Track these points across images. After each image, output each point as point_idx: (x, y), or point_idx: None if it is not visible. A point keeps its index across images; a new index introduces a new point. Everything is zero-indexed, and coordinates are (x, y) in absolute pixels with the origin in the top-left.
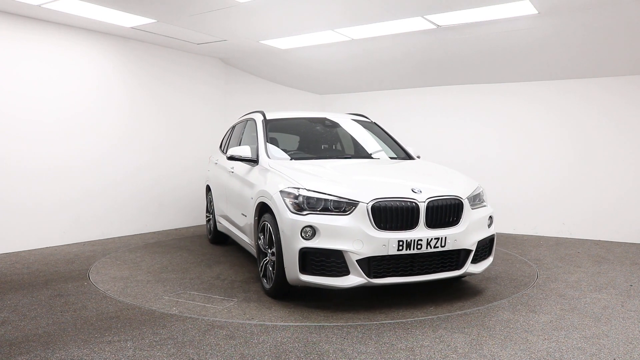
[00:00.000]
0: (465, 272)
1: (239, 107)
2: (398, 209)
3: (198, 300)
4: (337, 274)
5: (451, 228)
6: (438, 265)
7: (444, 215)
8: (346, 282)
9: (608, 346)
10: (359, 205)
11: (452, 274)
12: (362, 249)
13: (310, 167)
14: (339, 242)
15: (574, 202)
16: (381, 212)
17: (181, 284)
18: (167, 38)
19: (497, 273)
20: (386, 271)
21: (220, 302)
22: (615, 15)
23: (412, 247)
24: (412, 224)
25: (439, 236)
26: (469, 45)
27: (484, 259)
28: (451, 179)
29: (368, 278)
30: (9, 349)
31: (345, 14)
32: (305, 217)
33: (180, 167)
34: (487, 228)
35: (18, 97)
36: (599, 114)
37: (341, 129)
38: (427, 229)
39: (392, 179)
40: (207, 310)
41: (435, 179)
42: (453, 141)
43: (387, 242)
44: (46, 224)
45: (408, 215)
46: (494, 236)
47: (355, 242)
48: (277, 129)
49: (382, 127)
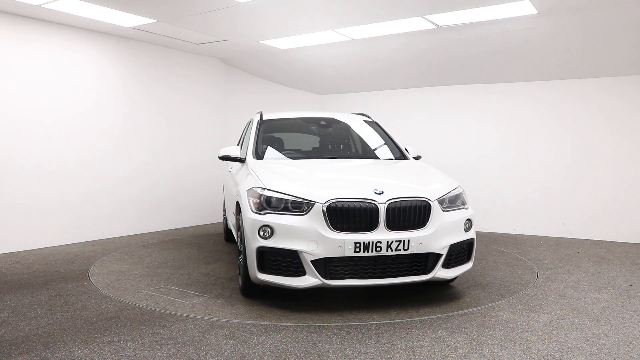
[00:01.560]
0: (434, 277)
1: (239, 107)
2: (355, 210)
3: (172, 295)
4: (294, 274)
5: (416, 231)
6: (403, 268)
7: (407, 217)
8: (302, 283)
9: (608, 346)
10: (314, 206)
11: (418, 279)
12: (317, 250)
13: (287, 168)
14: (295, 242)
15: (574, 202)
16: (337, 212)
17: (169, 279)
18: (167, 38)
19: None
20: (344, 273)
21: (192, 298)
22: (615, 15)
23: (371, 249)
24: (372, 225)
25: (400, 239)
26: (469, 45)
27: (460, 264)
28: (427, 180)
29: (323, 279)
30: (9, 349)
31: (345, 14)
32: (264, 216)
33: (180, 167)
34: (464, 232)
35: (18, 97)
36: (599, 114)
37: (337, 129)
38: (388, 231)
39: (361, 179)
40: (172, 304)
41: (408, 180)
42: (453, 141)
43: (342, 244)
44: (46, 224)
45: (366, 216)
46: (473, 240)
47: (310, 242)
48: (273, 129)
49: (382, 126)
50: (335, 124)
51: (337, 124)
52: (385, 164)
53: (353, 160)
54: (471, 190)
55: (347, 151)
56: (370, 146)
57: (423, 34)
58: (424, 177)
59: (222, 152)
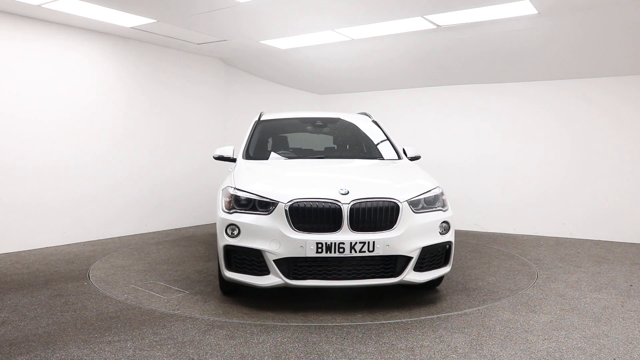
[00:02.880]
0: (403, 281)
1: (239, 107)
2: (317, 210)
3: (154, 290)
4: (258, 272)
5: (383, 232)
6: (370, 271)
7: (373, 218)
8: (266, 282)
9: (608, 346)
10: (278, 205)
11: (386, 282)
12: (279, 250)
13: (268, 168)
14: (259, 242)
15: (574, 202)
16: (299, 212)
17: (160, 275)
18: (167, 38)
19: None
20: (307, 273)
21: (172, 293)
22: (615, 15)
23: (333, 250)
24: (335, 226)
25: (365, 240)
26: (469, 45)
27: (435, 267)
28: (404, 180)
29: (286, 279)
30: (9, 349)
31: (345, 14)
32: (232, 215)
33: (180, 167)
34: (439, 234)
35: (18, 97)
36: (599, 114)
37: (333, 129)
38: (352, 232)
39: (332, 179)
40: (150, 298)
41: (383, 181)
42: (453, 141)
43: (304, 244)
44: (46, 224)
45: (329, 217)
46: (451, 243)
47: (273, 242)
48: (271, 128)
49: (382, 126)
50: (331, 123)
51: (334, 124)
52: (371, 164)
53: (341, 160)
54: (471, 190)
55: (338, 151)
56: (364, 146)
57: (423, 34)
58: (402, 178)
59: (217, 152)
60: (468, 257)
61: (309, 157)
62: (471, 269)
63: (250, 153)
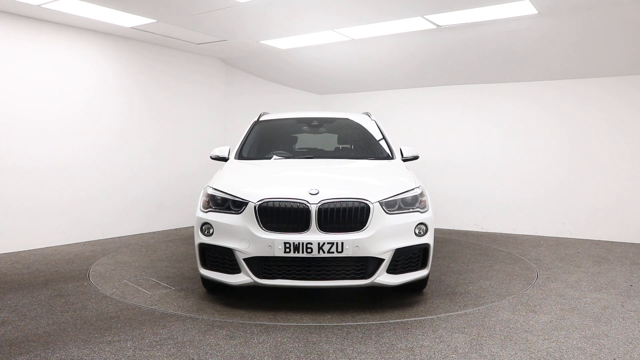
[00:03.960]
0: (375, 283)
1: (239, 107)
2: (286, 210)
3: (144, 286)
4: (230, 271)
5: (353, 233)
6: (340, 271)
7: (342, 219)
8: (236, 280)
9: (608, 346)
10: (248, 205)
11: (356, 283)
12: (249, 249)
13: (253, 168)
14: (230, 241)
15: (574, 202)
16: (267, 212)
17: (156, 272)
18: (167, 38)
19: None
20: (276, 273)
21: (158, 289)
22: (615, 15)
23: (301, 250)
24: (304, 226)
25: (333, 241)
26: (469, 45)
27: (411, 270)
28: (381, 181)
29: (256, 278)
30: (9, 349)
31: (345, 14)
32: (207, 214)
33: (180, 167)
34: (415, 236)
35: (18, 97)
36: (599, 114)
37: (329, 129)
38: (321, 232)
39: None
40: (136, 292)
41: (357, 181)
42: (453, 141)
43: (272, 243)
44: (46, 224)
45: (297, 217)
46: (428, 246)
47: (242, 241)
48: (268, 129)
49: (380, 126)
50: (328, 123)
51: (330, 124)
52: (358, 164)
53: (330, 160)
54: (471, 190)
55: (329, 151)
56: (357, 146)
57: (423, 34)
58: (382, 178)
59: (214, 152)
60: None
61: (300, 157)
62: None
63: (243, 153)
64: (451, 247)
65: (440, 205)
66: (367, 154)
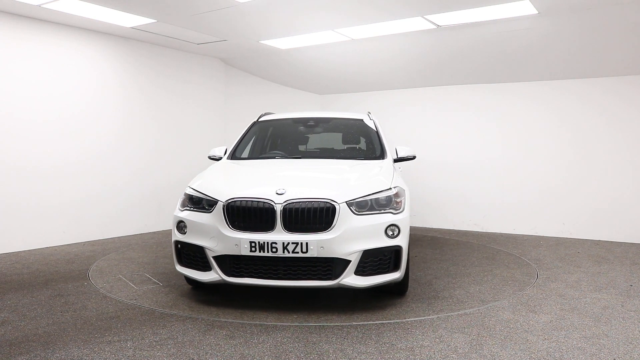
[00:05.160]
0: (341, 284)
1: (239, 108)
2: (252, 210)
3: (135, 282)
4: (202, 268)
5: (318, 234)
6: (306, 272)
7: (307, 219)
8: (207, 277)
9: (608, 346)
10: (217, 204)
11: (322, 284)
12: (217, 247)
13: (238, 168)
14: (201, 239)
15: (574, 202)
16: (235, 211)
17: (151, 269)
18: (167, 38)
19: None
20: (244, 271)
21: (146, 285)
22: (615, 15)
23: (266, 249)
24: (269, 225)
25: (298, 241)
26: (469, 45)
27: (381, 272)
28: (354, 181)
29: (224, 276)
30: (9, 349)
31: (345, 14)
32: (182, 213)
33: (180, 167)
34: (387, 238)
35: (18, 97)
36: (599, 114)
37: (324, 130)
38: (286, 232)
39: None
40: (125, 287)
41: (330, 181)
42: (453, 141)
43: (239, 242)
44: (46, 224)
45: (263, 216)
46: (400, 248)
47: (212, 239)
48: (265, 129)
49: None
50: (324, 123)
51: (327, 124)
52: (342, 164)
53: (316, 160)
54: (471, 190)
55: (320, 152)
56: (349, 146)
57: (423, 34)
58: (359, 178)
59: (211, 152)
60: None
61: (288, 158)
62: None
63: (237, 153)
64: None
65: (440, 205)
66: (358, 154)
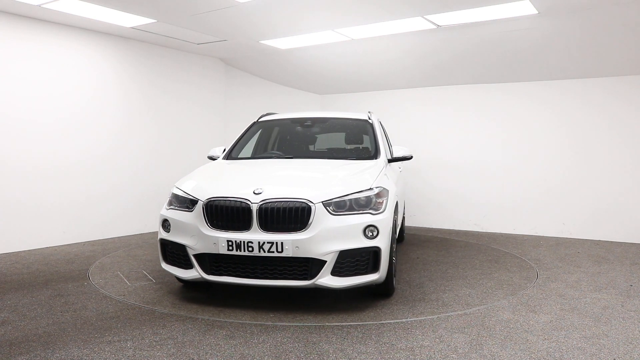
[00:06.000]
0: (317, 284)
1: (239, 108)
2: (229, 209)
3: (131, 278)
4: (185, 266)
5: (293, 233)
6: (283, 271)
7: (283, 219)
8: (188, 275)
9: (608, 346)
10: (197, 203)
11: (298, 284)
12: (197, 245)
13: (228, 167)
14: (183, 237)
15: (574, 202)
16: (213, 210)
17: (149, 267)
18: (167, 38)
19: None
20: (223, 270)
21: (140, 281)
22: (615, 15)
23: (243, 248)
24: (246, 225)
25: (273, 240)
26: (469, 45)
27: (359, 273)
28: (335, 181)
29: (203, 274)
30: (9, 349)
31: (345, 14)
32: (168, 211)
33: (180, 167)
34: (365, 238)
35: (18, 97)
36: (599, 114)
37: (321, 130)
38: (262, 231)
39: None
40: (119, 283)
41: (309, 181)
42: (453, 141)
43: (217, 241)
44: (46, 224)
45: (239, 216)
46: (378, 249)
47: (192, 237)
48: (264, 129)
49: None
50: (321, 123)
51: (324, 124)
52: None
53: (306, 160)
54: (471, 190)
55: (312, 151)
56: (344, 146)
57: (423, 34)
58: (339, 178)
59: (210, 152)
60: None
61: (279, 158)
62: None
63: (232, 153)
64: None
65: (440, 205)
66: (351, 154)
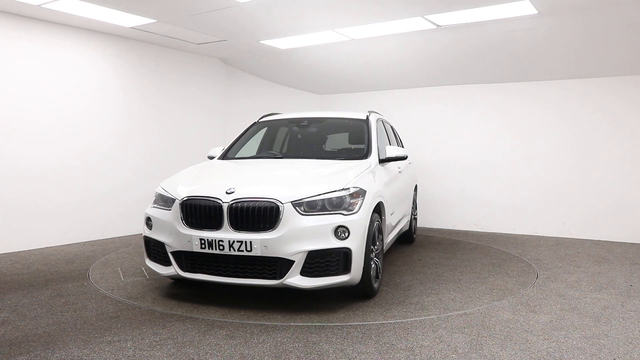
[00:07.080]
0: (285, 284)
1: (239, 108)
2: (202, 208)
3: (128, 274)
4: (164, 263)
5: (262, 233)
6: (253, 270)
7: (252, 218)
8: (166, 271)
9: (608, 346)
10: (175, 202)
11: (266, 283)
12: (173, 243)
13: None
14: (161, 235)
15: (574, 202)
16: (188, 209)
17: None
18: (167, 38)
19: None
20: (198, 267)
21: (136, 277)
22: (615, 15)
23: (214, 247)
24: (217, 224)
25: (242, 240)
26: (469, 45)
27: (330, 274)
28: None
29: (180, 271)
30: (9, 349)
31: (345, 14)
32: (151, 210)
33: (180, 166)
34: (335, 239)
35: (18, 97)
36: (599, 114)
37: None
38: (233, 230)
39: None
40: (114, 279)
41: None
42: (453, 141)
43: (191, 239)
44: (46, 224)
45: (211, 214)
46: (349, 250)
47: (169, 235)
48: (263, 129)
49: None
50: (318, 123)
51: (320, 124)
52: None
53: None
54: (471, 190)
55: (303, 151)
56: (335, 146)
57: (423, 34)
58: (315, 178)
59: (210, 152)
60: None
61: (273, 158)
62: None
63: (229, 153)
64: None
65: (440, 205)
66: (340, 154)
